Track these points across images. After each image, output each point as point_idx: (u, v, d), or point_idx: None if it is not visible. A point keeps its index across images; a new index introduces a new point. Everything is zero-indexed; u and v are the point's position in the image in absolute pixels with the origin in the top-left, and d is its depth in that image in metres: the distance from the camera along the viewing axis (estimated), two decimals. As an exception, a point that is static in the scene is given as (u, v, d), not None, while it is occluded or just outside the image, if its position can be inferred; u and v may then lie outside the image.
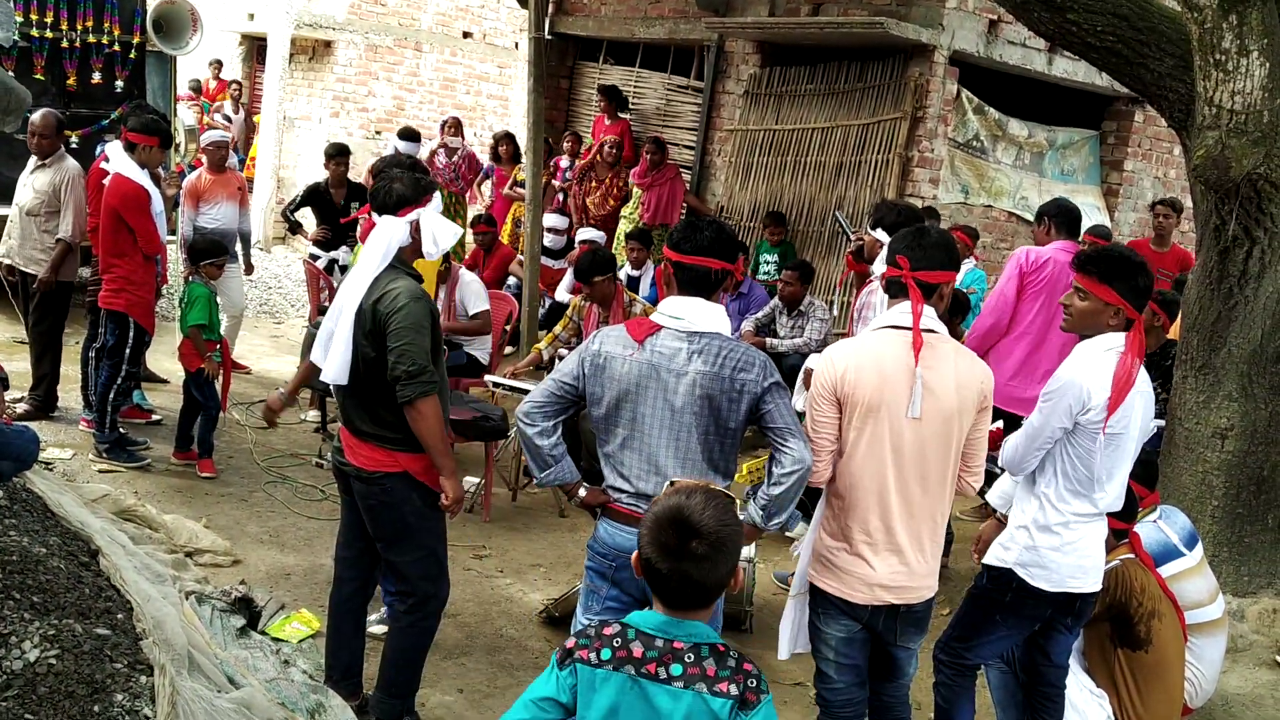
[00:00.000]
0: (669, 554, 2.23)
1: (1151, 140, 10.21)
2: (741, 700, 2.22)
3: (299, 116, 14.67)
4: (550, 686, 2.27)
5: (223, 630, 4.34)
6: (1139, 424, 3.66)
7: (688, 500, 2.27)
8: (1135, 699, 4.07)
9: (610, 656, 2.24)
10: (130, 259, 6.34)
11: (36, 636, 3.21)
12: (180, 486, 6.24)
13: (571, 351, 3.57)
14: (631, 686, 2.23)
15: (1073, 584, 3.71)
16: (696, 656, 2.24)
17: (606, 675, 2.24)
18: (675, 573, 2.23)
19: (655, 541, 2.25)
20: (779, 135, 9.70)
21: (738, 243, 3.53)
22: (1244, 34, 4.82)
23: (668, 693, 2.22)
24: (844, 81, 9.26)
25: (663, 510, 2.28)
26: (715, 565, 2.24)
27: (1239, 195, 5.14)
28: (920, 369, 3.32)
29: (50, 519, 4.27)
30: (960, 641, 3.92)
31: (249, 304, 10.26)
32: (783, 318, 7.83)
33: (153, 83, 9.58)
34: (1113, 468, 3.65)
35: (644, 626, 2.27)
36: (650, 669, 2.23)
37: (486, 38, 15.68)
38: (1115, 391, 3.52)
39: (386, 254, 3.84)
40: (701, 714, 2.21)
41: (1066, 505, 3.65)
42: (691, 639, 2.26)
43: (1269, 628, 5.31)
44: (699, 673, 2.22)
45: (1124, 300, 3.58)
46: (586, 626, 2.32)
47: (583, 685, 2.25)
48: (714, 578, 2.25)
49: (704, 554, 2.22)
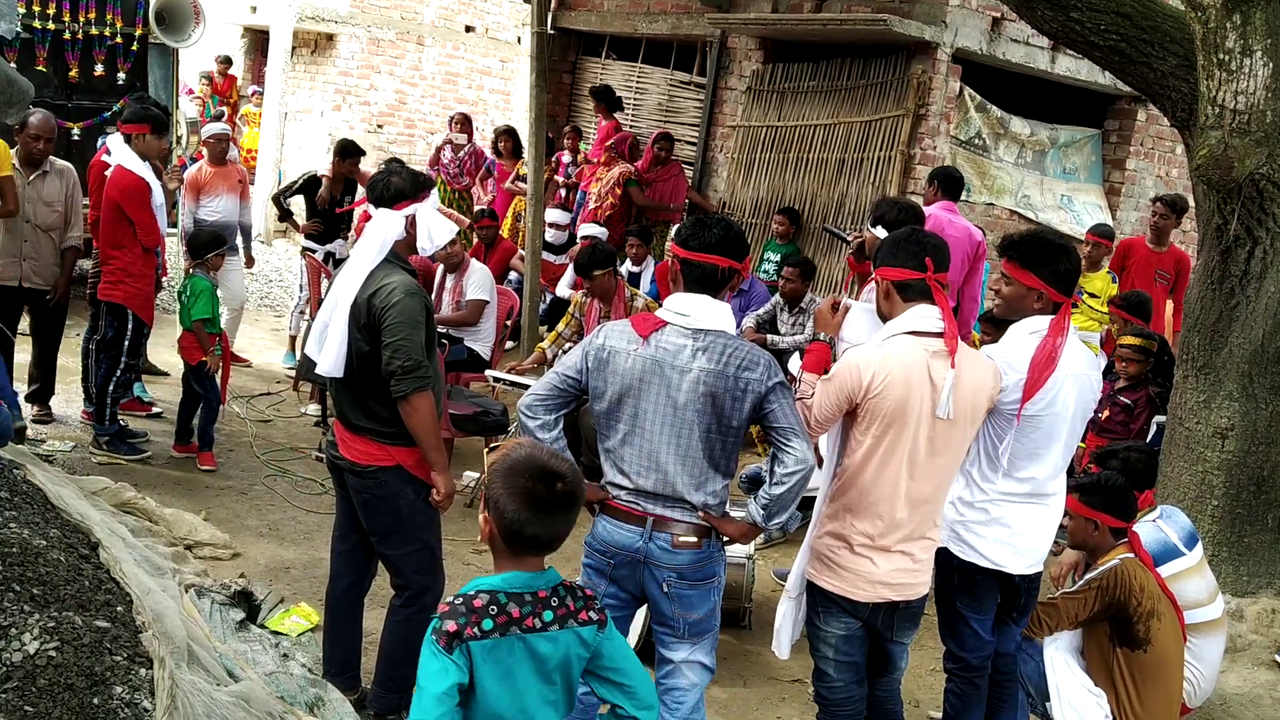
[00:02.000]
0: (535, 502, 2.32)
1: (1154, 139, 10.20)
2: (599, 623, 2.44)
3: (301, 110, 14.65)
4: (451, 674, 2.28)
5: (222, 623, 4.34)
6: (1073, 406, 3.67)
7: (536, 452, 2.38)
8: (1134, 698, 4.07)
9: (493, 626, 2.32)
10: (129, 251, 6.32)
11: (36, 629, 3.21)
12: (180, 479, 6.24)
13: (575, 347, 3.57)
14: (518, 645, 2.34)
15: (1004, 563, 3.73)
16: (558, 598, 2.40)
17: (494, 643, 2.32)
18: (543, 522, 2.33)
19: (520, 493, 2.32)
20: (781, 132, 9.69)
21: (745, 242, 3.53)
22: (1247, 34, 4.82)
23: (546, 639, 2.37)
24: (846, 79, 9.25)
25: (517, 464, 2.36)
26: (576, 508, 2.37)
27: (1241, 195, 5.14)
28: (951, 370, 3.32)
29: (50, 511, 4.27)
30: (949, 641, 3.94)
31: (249, 297, 10.25)
32: (784, 315, 7.82)
33: (155, 75, 9.56)
34: (1038, 449, 3.66)
35: (510, 588, 2.36)
36: (529, 623, 2.35)
37: (489, 32, 15.66)
38: (1032, 374, 3.53)
39: (382, 248, 3.84)
40: (575, 645, 2.41)
41: (990, 484, 3.70)
42: (549, 584, 2.40)
43: (1268, 627, 5.32)
44: (566, 611, 2.40)
45: (1046, 285, 3.61)
46: (453, 604, 2.34)
47: (476, 660, 2.31)
48: (571, 522, 2.39)
49: (568, 494, 2.34)
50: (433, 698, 2.26)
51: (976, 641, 3.87)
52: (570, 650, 2.39)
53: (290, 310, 9.31)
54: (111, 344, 6.37)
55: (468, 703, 2.33)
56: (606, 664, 2.47)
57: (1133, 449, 4.96)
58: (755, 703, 4.71)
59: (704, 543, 3.35)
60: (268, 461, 6.72)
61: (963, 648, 3.88)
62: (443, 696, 2.27)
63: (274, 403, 7.94)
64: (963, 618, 3.84)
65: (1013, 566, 3.75)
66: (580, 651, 2.42)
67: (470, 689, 2.32)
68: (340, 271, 3.97)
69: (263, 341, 9.57)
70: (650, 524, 3.33)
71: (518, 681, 2.35)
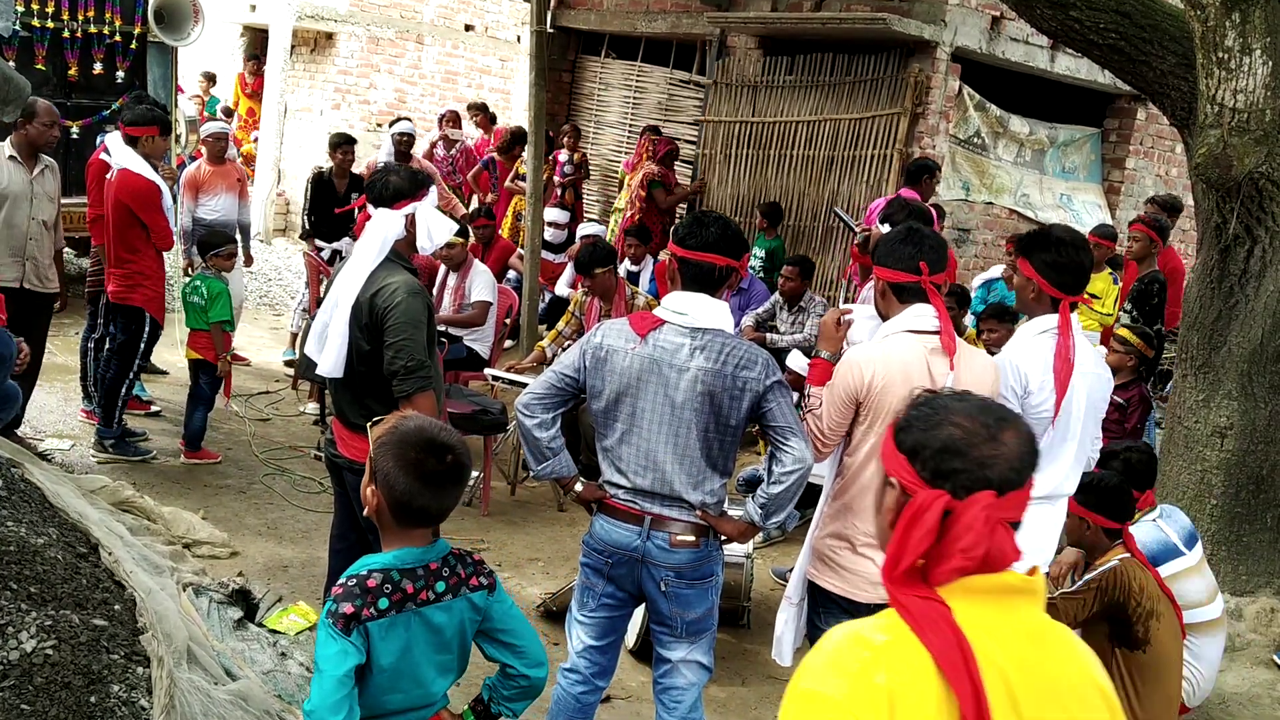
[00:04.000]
0: (423, 474, 2.34)
1: (1153, 138, 10.19)
2: (489, 586, 2.50)
3: (300, 108, 14.64)
4: (350, 656, 2.30)
5: (220, 622, 4.34)
6: (1084, 404, 3.66)
7: (426, 425, 2.41)
8: (1133, 698, 4.06)
9: (389, 604, 2.34)
10: (143, 254, 6.28)
11: (34, 627, 3.20)
12: (179, 478, 6.24)
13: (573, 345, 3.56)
14: (414, 619, 2.38)
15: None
16: (449, 568, 2.45)
17: (391, 621, 2.35)
18: (430, 493, 2.35)
19: (407, 464, 2.34)
20: (765, 128, 9.66)
21: (743, 240, 3.52)
22: (1247, 32, 4.81)
23: (441, 609, 2.42)
24: (834, 74, 9.19)
25: (406, 437, 2.38)
26: (463, 481, 2.42)
27: (1240, 194, 5.13)
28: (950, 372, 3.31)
29: (48, 510, 4.26)
30: None
31: (248, 295, 10.25)
32: (783, 313, 7.82)
33: (154, 73, 9.55)
34: (1052, 448, 3.64)
35: (403, 564, 2.39)
36: (424, 596, 2.40)
37: (489, 31, 15.65)
38: (1059, 379, 3.53)
39: (382, 247, 3.84)
40: (468, 611, 2.47)
41: None
42: (440, 555, 2.45)
43: (1267, 627, 5.31)
44: (458, 579, 2.46)
45: (1038, 275, 3.58)
46: (347, 586, 2.34)
47: (374, 640, 2.33)
48: (458, 495, 2.44)
49: (455, 466, 2.37)
50: (333, 680, 2.27)
51: None
52: (464, 616, 2.46)
53: (293, 307, 9.29)
54: (127, 347, 6.33)
55: (362, 678, 2.35)
56: (497, 625, 2.54)
57: (1133, 449, 4.94)
58: (754, 701, 4.71)
59: (702, 542, 3.34)
60: (266, 460, 6.72)
61: None
62: (343, 679, 2.28)
63: (273, 401, 7.94)
64: None
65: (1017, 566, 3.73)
66: (473, 616, 2.48)
67: (366, 666, 2.34)
68: (340, 271, 3.96)
69: (262, 340, 9.56)
70: (648, 523, 3.32)
71: (414, 654, 2.39)
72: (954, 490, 1.63)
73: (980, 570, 1.61)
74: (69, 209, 8.98)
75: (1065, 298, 3.61)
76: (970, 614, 1.59)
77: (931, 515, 1.62)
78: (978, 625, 1.59)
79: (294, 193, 13.68)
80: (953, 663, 1.54)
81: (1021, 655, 1.61)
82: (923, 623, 1.57)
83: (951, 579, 1.61)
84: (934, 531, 1.61)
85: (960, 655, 1.54)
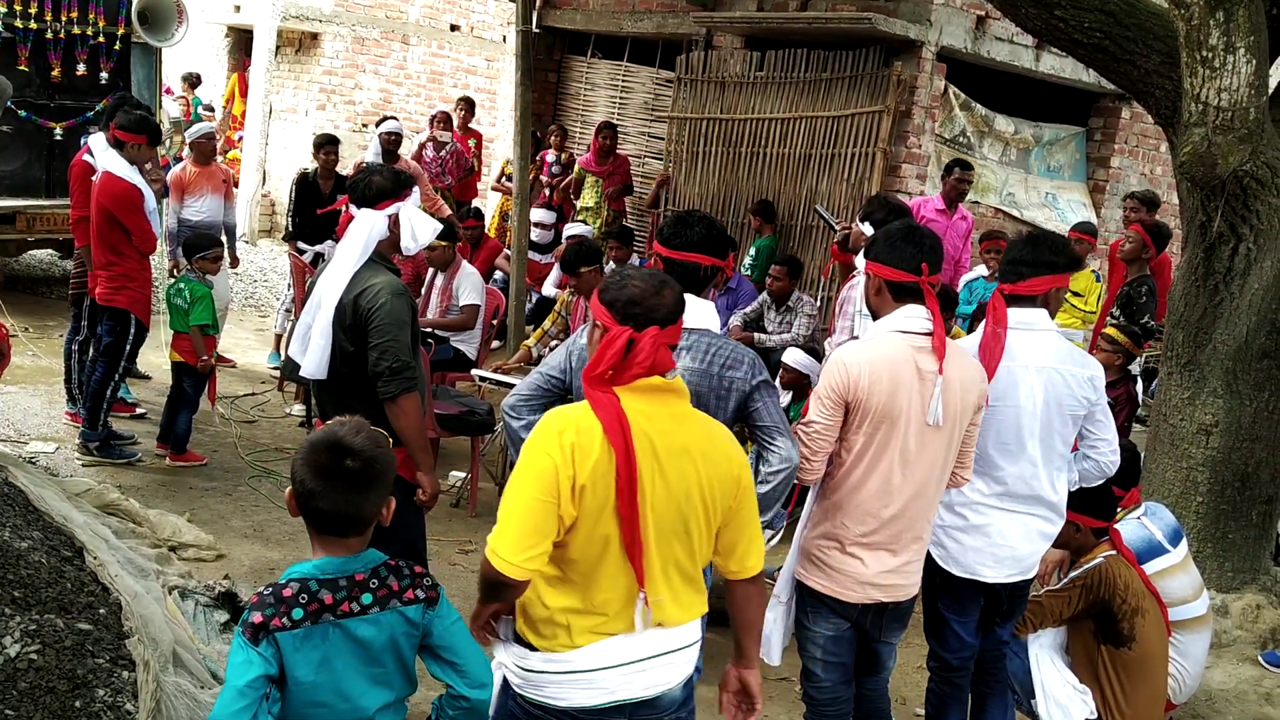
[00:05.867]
0: (324, 475, 2.33)
1: (1138, 137, 10.23)
2: (428, 600, 2.44)
3: (285, 109, 14.60)
4: (256, 666, 2.26)
5: (206, 625, 4.32)
6: (1039, 399, 3.60)
7: (339, 429, 2.40)
8: (1119, 695, 4.08)
9: (303, 615, 2.30)
10: (127, 257, 6.26)
11: (17, 631, 3.18)
12: (164, 481, 6.20)
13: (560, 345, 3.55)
14: (333, 631, 2.32)
15: (984, 572, 3.68)
16: (379, 579, 2.39)
17: (306, 632, 2.30)
18: (331, 496, 2.33)
19: (311, 465, 2.34)
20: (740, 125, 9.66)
21: (728, 239, 3.51)
22: (1230, 31, 4.83)
23: (367, 622, 2.36)
24: (811, 71, 9.17)
25: (317, 438, 2.39)
26: (370, 487, 2.37)
27: (1225, 192, 5.15)
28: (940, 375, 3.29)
29: (32, 513, 4.24)
30: (932, 640, 3.93)
31: (234, 297, 10.21)
32: (771, 313, 7.82)
33: (138, 75, 9.51)
34: (1005, 443, 3.61)
35: (322, 574, 2.35)
36: (345, 608, 2.34)
37: (474, 31, 15.62)
38: (982, 355, 3.53)
39: (366, 248, 3.82)
40: (401, 625, 2.40)
41: (970, 487, 3.62)
42: (368, 566, 2.40)
43: (1252, 623, 5.34)
44: (387, 592, 2.39)
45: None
46: (263, 595, 2.32)
47: (286, 651, 2.28)
48: (369, 503, 2.38)
49: (358, 471, 2.33)
50: (234, 690, 2.24)
51: (958, 643, 3.84)
52: (395, 630, 2.39)
53: (276, 309, 9.25)
54: (112, 349, 6.29)
55: (284, 693, 2.31)
56: (437, 642, 2.47)
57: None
58: (742, 701, 4.70)
59: (690, 542, 3.33)
60: (253, 462, 6.69)
61: (944, 648, 3.87)
62: (245, 689, 2.24)
63: (259, 403, 7.91)
64: (944, 620, 3.83)
65: (990, 576, 3.70)
66: (408, 630, 2.41)
67: (283, 679, 2.30)
68: (323, 272, 3.94)
69: (247, 342, 9.53)
70: (636, 524, 3.31)
71: (336, 667, 2.33)
72: (635, 327, 2.47)
73: (647, 375, 2.47)
74: (52, 210, 8.96)
75: (997, 287, 3.65)
76: (633, 403, 2.46)
77: (620, 341, 2.46)
78: (637, 409, 2.45)
79: (279, 194, 13.64)
80: (611, 427, 2.40)
81: (665, 427, 2.49)
82: (598, 405, 2.43)
83: (630, 382, 2.47)
84: (621, 352, 2.46)
85: (618, 423, 2.40)
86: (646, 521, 2.44)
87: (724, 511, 2.57)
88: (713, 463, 2.53)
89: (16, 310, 8.42)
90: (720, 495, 2.55)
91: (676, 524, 2.50)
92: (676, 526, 2.51)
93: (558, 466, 2.39)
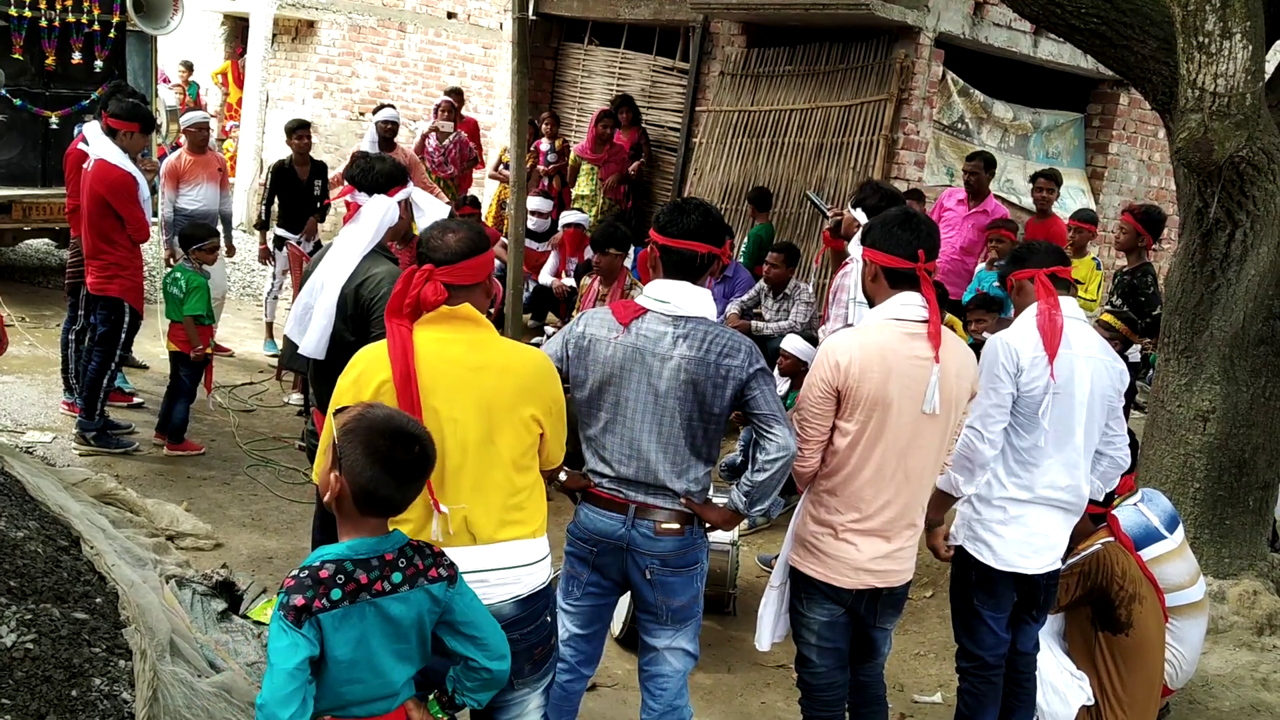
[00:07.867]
0: (383, 460, 2.33)
1: (1136, 123, 10.22)
2: (449, 579, 2.48)
3: (282, 97, 14.56)
4: (301, 649, 2.28)
5: (203, 614, 4.32)
6: (1088, 388, 3.61)
7: (390, 413, 2.44)
8: (1116, 681, 4.08)
9: (341, 595, 2.32)
10: (119, 245, 6.24)
11: (13, 621, 3.19)
12: (162, 470, 6.21)
13: (557, 332, 3.55)
14: (369, 610, 2.36)
15: (1023, 564, 3.69)
16: (405, 559, 2.42)
17: (345, 612, 2.33)
18: (389, 482, 2.35)
19: (370, 451, 2.33)
20: (756, 116, 9.66)
21: (725, 226, 3.50)
22: (1227, 16, 4.82)
23: (397, 600, 2.39)
24: (825, 63, 9.22)
25: (374, 424, 2.37)
26: (425, 474, 2.44)
27: (1221, 178, 5.14)
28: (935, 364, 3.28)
29: (29, 503, 4.24)
30: (964, 639, 3.91)
31: (231, 286, 10.20)
32: (768, 300, 7.81)
33: (133, 63, 9.48)
34: (1057, 433, 3.61)
35: (356, 555, 2.37)
36: (378, 587, 2.37)
37: (471, 18, 15.57)
38: (1045, 339, 3.52)
39: (378, 232, 3.82)
40: (426, 603, 2.45)
41: (1015, 479, 3.65)
42: (396, 545, 2.43)
43: (1249, 609, 5.34)
44: (415, 570, 2.43)
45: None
46: (299, 578, 2.33)
47: (327, 631, 2.32)
48: (417, 488, 2.46)
49: (420, 458, 2.38)
50: (284, 674, 2.26)
51: (994, 639, 3.83)
52: (421, 608, 2.44)
53: (264, 297, 9.23)
54: (106, 338, 6.28)
55: (319, 670, 2.34)
56: (458, 618, 2.51)
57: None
58: (739, 688, 4.72)
59: (686, 529, 3.34)
60: (250, 451, 6.69)
61: (979, 646, 3.85)
62: (294, 672, 2.26)
63: (256, 392, 7.90)
64: (979, 615, 3.80)
65: (1030, 566, 3.71)
66: (432, 608, 2.46)
67: (321, 658, 2.32)
68: (326, 253, 3.92)
69: (245, 331, 9.52)
70: (633, 511, 3.32)
71: (370, 644, 2.37)
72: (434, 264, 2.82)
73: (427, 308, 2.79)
74: (48, 200, 8.95)
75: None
76: (431, 332, 2.80)
77: (419, 277, 2.80)
78: (433, 336, 2.79)
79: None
80: (394, 350, 2.75)
81: (461, 350, 2.80)
82: (391, 334, 2.77)
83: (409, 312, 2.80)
84: (418, 286, 2.78)
85: (400, 346, 2.74)
86: (443, 434, 2.70)
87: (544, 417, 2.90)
88: (515, 375, 2.84)
89: (13, 300, 8.41)
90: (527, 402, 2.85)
91: (481, 435, 2.78)
92: (480, 437, 2.78)
93: (344, 389, 2.80)
